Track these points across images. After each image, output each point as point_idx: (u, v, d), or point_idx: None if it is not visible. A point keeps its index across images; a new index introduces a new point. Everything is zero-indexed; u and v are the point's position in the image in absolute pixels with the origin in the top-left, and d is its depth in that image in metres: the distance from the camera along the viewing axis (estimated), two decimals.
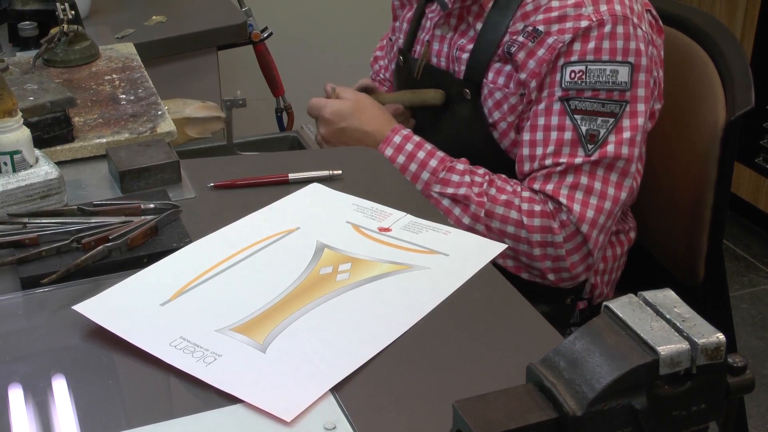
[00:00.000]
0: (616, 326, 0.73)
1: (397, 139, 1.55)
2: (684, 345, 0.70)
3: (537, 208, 1.45)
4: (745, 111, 1.53)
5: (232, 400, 0.90)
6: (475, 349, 0.99)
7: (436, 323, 1.02)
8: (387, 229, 1.20)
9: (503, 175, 1.51)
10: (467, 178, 1.49)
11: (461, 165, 1.52)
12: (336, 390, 0.92)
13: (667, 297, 0.76)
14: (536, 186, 1.47)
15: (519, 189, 1.48)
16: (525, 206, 1.45)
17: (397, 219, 1.23)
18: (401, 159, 1.54)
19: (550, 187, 1.45)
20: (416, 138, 1.56)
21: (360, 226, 1.21)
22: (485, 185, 1.49)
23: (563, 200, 1.44)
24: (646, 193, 1.69)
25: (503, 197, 1.47)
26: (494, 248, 1.17)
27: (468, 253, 1.15)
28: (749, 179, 3.12)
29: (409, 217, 1.23)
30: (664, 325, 0.72)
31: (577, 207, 1.44)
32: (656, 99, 1.52)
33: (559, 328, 1.22)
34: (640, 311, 0.74)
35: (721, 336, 0.71)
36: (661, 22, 1.53)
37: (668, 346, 0.70)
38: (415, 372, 0.95)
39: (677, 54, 1.64)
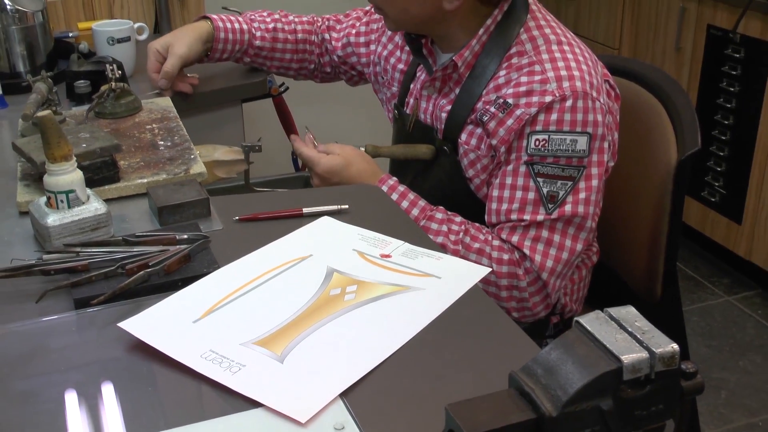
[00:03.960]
0: (586, 338, 0.73)
1: (384, 189, 1.53)
2: (644, 354, 0.70)
3: (505, 256, 1.45)
4: (693, 152, 1.54)
5: (254, 404, 0.90)
6: (464, 359, 0.99)
7: (431, 336, 1.02)
8: (388, 256, 1.20)
9: (477, 224, 1.51)
10: (444, 227, 1.49)
11: (440, 214, 1.51)
12: (344, 395, 0.91)
13: (629, 312, 0.76)
14: (504, 236, 1.46)
15: (490, 238, 1.47)
16: (495, 254, 1.45)
17: (397, 247, 1.23)
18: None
19: (515, 239, 1.45)
20: (401, 188, 1.54)
21: (364, 253, 1.21)
22: (461, 234, 1.48)
23: (527, 251, 1.44)
24: (612, 222, 1.69)
25: (476, 245, 1.46)
26: (480, 271, 1.17)
27: (457, 276, 1.15)
28: (697, 210, 3.13)
29: (407, 245, 1.23)
30: (627, 337, 0.72)
31: (538, 258, 1.44)
32: (611, 157, 1.52)
33: (536, 340, 1.22)
34: (606, 325, 0.74)
35: (675, 346, 0.72)
36: (617, 90, 1.53)
37: (630, 355, 0.70)
38: (413, 379, 0.95)
39: (636, 103, 1.65)
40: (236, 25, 1.87)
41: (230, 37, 1.87)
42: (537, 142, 1.41)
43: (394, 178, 1.57)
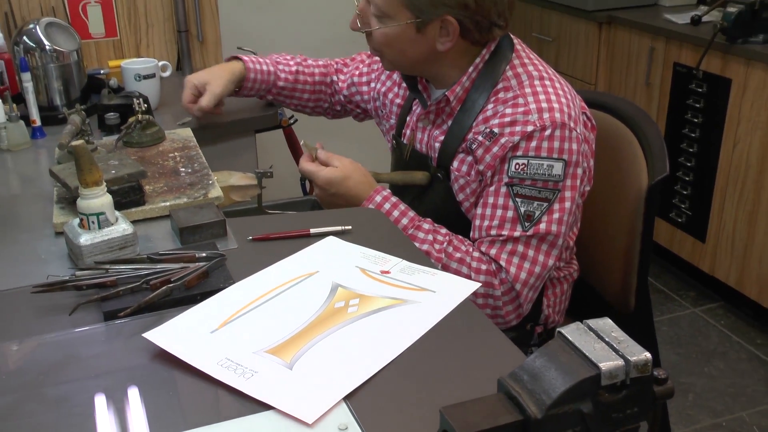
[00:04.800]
0: (567, 347, 0.73)
1: (378, 198, 1.53)
2: (620, 362, 0.70)
3: (483, 267, 1.44)
4: (662, 177, 1.54)
5: (266, 407, 0.90)
6: (456, 365, 0.98)
7: (426, 345, 1.02)
8: (387, 272, 1.20)
9: (460, 237, 1.50)
10: (430, 237, 1.48)
11: (427, 225, 1.51)
12: (348, 398, 0.91)
13: (605, 324, 0.76)
14: (483, 249, 1.46)
15: (471, 250, 1.47)
16: (474, 264, 1.45)
17: (395, 264, 1.22)
18: None
19: (493, 252, 1.45)
20: (393, 198, 1.54)
21: (366, 270, 1.21)
22: (445, 244, 1.47)
23: (503, 263, 1.44)
24: (590, 241, 1.69)
25: (458, 255, 1.46)
26: (471, 286, 1.17)
27: (450, 290, 1.15)
28: (666, 230, 3.13)
29: (404, 263, 1.23)
30: (604, 346, 0.72)
31: (513, 269, 1.43)
32: (587, 182, 1.51)
33: (523, 348, 1.22)
34: (586, 335, 0.74)
35: (648, 354, 0.72)
36: (594, 121, 1.53)
37: (608, 363, 0.70)
38: (410, 383, 0.95)
39: (611, 133, 1.65)
40: (264, 67, 1.88)
41: (258, 78, 1.88)
42: (517, 166, 1.41)
43: (388, 190, 1.57)
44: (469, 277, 1.43)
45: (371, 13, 1.48)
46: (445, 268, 1.44)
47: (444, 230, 1.51)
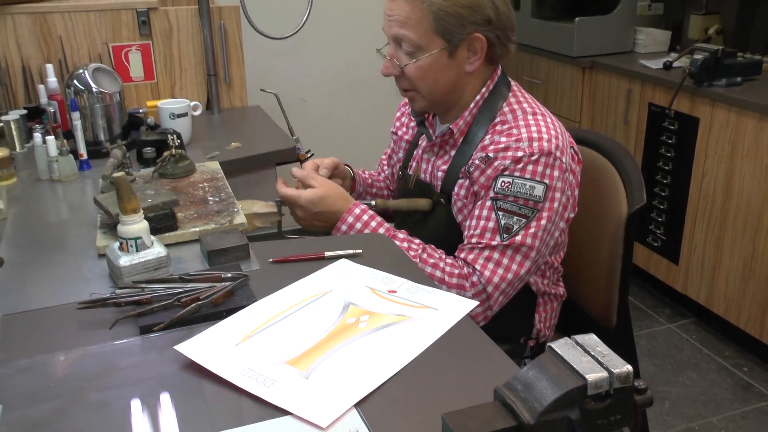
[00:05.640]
0: (557, 360, 0.73)
1: (357, 211, 1.52)
2: (604, 374, 0.70)
3: (456, 270, 1.44)
4: (640, 206, 1.54)
5: (284, 412, 0.89)
6: (456, 376, 0.98)
7: (429, 357, 1.01)
8: (394, 291, 1.19)
9: (433, 245, 1.50)
10: (405, 244, 1.48)
11: (402, 235, 1.50)
12: (358, 405, 0.91)
13: (591, 339, 0.75)
14: (462, 255, 1.46)
15: (444, 256, 1.47)
16: (447, 269, 1.44)
17: (401, 284, 1.22)
18: (359, 225, 1.51)
19: (471, 257, 1.44)
20: (370, 212, 1.53)
21: (375, 289, 1.20)
22: (419, 251, 1.47)
23: (478, 267, 1.43)
24: (576, 264, 1.69)
25: (431, 261, 1.46)
26: (469, 304, 1.16)
27: (451, 308, 1.14)
28: (643, 253, 3.12)
29: (409, 283, 1.22)
30: (590, 359, 0.72)
31: (487, 273, 1.42)
32: (571, 209, 1.51)
33: (516, 360, 1.21)
34: (573, 349, 0.74)
35: (629, 367, 0.71)
36: (580, 155, 1.53)
37: (593, 374, 0.70)
38: (415, 392, 0.94)
39: (594, 166, 1.65)
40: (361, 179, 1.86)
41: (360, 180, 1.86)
42: (503, 184, 1.42)
43: (365, 205, 1.55)
44: (442, 279, 1.43)
45: (404, 53, 1.46)
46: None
47: (417, 240, 1.50)
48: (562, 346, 0.74)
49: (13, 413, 0.90)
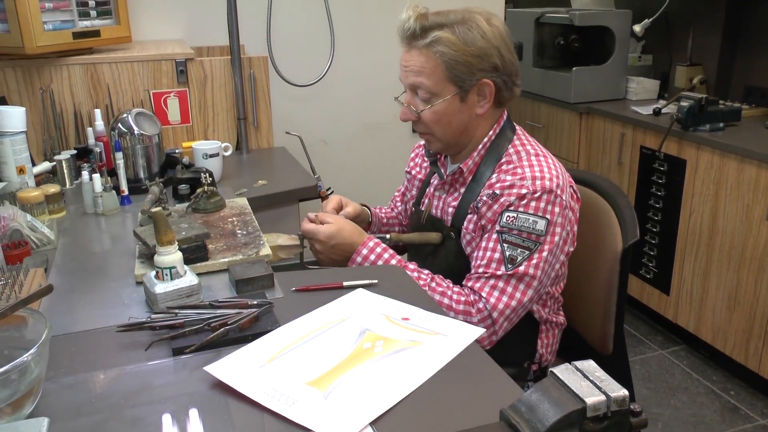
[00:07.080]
0: (558, 384, 0.72)
1: (371, 244, 1.53)
2: (602, 397, 0.69)
3: (462, 298, 1.43)
4: (634, 241, 1.53)
5: (305, 430, 0.88)
6: (464, 397, 0.97)
7: (439, 380, 1.00)
8: (407, 318, 1.19)
9: (441, 275, 1.50)
10: (416, 274, 1.48)
11: (412, 266, 1.50)
12: (374, 423, 0.89)
13: (589, 365, 0.75)
14: (469, 284, 1.45)
15: (451, 285, 1.46)
16: (455, 296, 1.44)
17: (414, 312, 1.21)
18: (372, 257, 1.51)
19: (477, 285, 1.44)
20: (383, 245, 1.54)
21: (389, 316, 1.20)
22: (428, 280, 1.47)
23: (484, 294, 1.42)
24: (575, 295, 1.67)
25: (440, 289, 1.45)
26: (477, 331, 1.15)
27: (459, 335, 1.13)
28: (636, 284, 3.09)
29: (421, 311, 1.22)
30: (589, 384, 0.71)
31: (492, 300, 1.42)
32: (570, 243, 1.51)
33: (520, 383, 1.20)
34: (573, 374, 0.73)
35: (625, 391, 0.70)
36: (579, 194, 1.53)
37: (592, 398, 0.69)
38: (425, 412, 0.93)
39: (591, 204, 1.65)
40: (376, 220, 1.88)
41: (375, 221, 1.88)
42: (508, 218, 1.42)
43: (378, 238, 1.55)
44: (450, 306, 1.43)
45: (420, 100, 1.48)
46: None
47: (426, 271, 1.50)
48: (563, 371, 0.73)
49: (58, 426, 0.90)
